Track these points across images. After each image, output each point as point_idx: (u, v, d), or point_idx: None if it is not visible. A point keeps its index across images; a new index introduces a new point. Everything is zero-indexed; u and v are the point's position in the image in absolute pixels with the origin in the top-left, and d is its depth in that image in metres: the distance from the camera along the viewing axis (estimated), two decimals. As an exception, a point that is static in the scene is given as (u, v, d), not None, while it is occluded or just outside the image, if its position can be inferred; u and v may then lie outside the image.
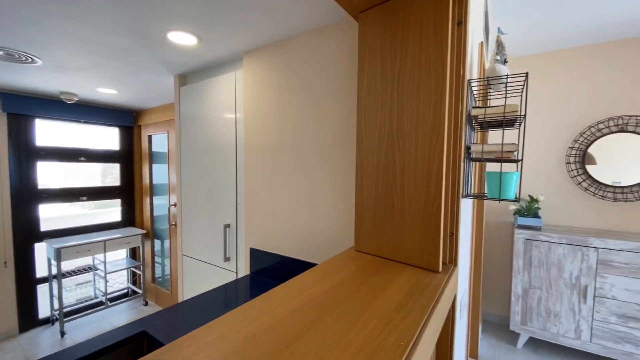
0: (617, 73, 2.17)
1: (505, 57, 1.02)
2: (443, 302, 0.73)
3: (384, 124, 0.93)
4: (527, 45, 2.31)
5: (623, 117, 2.14)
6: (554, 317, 2.15)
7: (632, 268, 1.90)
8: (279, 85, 1.42)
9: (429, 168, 0.84)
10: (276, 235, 1.45)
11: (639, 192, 2.12)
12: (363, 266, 0.90)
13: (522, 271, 2.24)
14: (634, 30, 2.04)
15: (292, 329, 0.55)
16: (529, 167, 2.49)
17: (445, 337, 0.93)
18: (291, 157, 1.38)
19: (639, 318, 1.90)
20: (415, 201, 0.88)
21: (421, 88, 0.85)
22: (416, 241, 0.88)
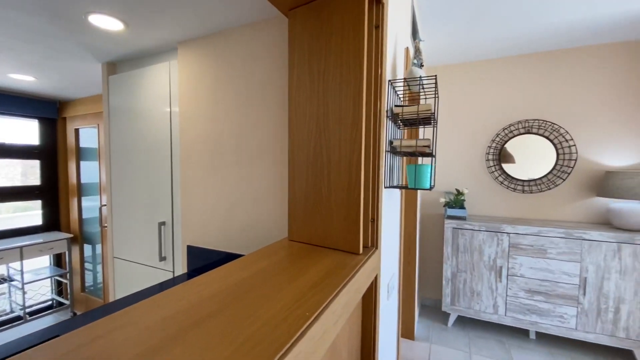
0: (525, 83, 2.53)
1: (421, 62, 1.14)
2: (359, 279, 0.79)
3: (312, 118, 0.98)
4: (452, 55, 2.57)
5: (529, 120, 2.51)
6: (477, 296, 2.44)
7: (535, 249, 2.23)
8: (215, 78, 1.40)
9: (350, 159, 0.91)
10: (214, 230, 1.42)
11: (540, 185, 2.50)
12: (292, 253, 0.93)
13: (451, 257, 2.50)
14: (538, 46, 2.40)
15: (205, 310, 0.56)
16: (456, 163, 2.78)
17: (368, 312, 1.02)
18: (229, 151, 1.37)
19: (541, 292, 2.24)
20: (339, 190, 0.94)
21: (343, 85, 0.91)
22: (341, 227, 0.95)
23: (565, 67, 2.41)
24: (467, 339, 2.42)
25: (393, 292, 1.40)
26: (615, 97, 2.30)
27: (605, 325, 2.09)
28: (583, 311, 2.13)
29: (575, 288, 2.14)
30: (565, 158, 2.42)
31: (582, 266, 2.11)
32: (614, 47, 2.28)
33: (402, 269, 2.39)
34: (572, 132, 2.40)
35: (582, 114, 2.38)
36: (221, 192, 1.39)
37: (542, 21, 1.98)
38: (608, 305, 2.07)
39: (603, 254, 2.06)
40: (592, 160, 2.36)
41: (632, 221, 2.05)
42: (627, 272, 2.01)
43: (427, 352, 2.26)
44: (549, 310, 2.22)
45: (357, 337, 1.01)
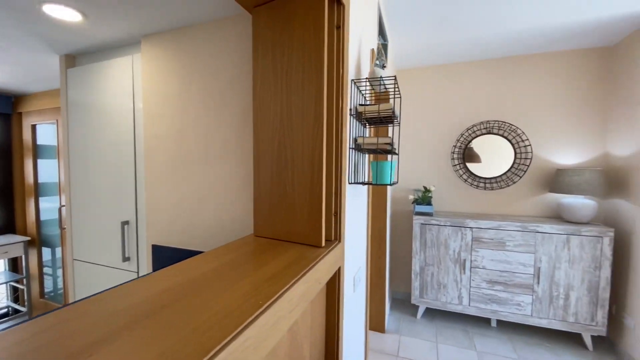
0: (486, 86, 2.69)
1: (384, 63, 1.19)
2: (319, 270, 0.82)
3: (276, 116, 1.00)
4: (420, 58, 2.68)
5: (490, 121, 2.67)
6: (443, 288, 2.56)
7: (495, 242, 2.38)
8: (180, 73, 1.38)
9: (312, 156, 0.94)
10: (181, 229, 1.40)
11: (500, 183, 2.67)
12: (255, 248, 0.95)
13: (419, 252, 2.60)
14: (498, 52, 2.55)
15: (159, 302, 0.56)
16: (424, 162, 2.90)
17: (332, 303, 1.05)
18: (195, 147, 1.35)
19: (500, 282, 2.40)
20: (302, 186, 0.96)
21: (305, 83, 0.94)
22: (304, 221, 0.97)
23: (521, 72, 2.59)
24: (435, 329, 2.54)
25: (360, 284, 1.44)
26: (565, 102, 2.50)
27: (557, 311, 2.27)
28: (537, 299, 2.30)
29: (531, 277, 2.31)
30: (521, 157, 2.60)
31: (536, 257, 2.28)
32: (565, 54, 2.48)
33: (372, 264, 2.46)
34: (527, 132, 2.59)
35: (537, 116, 2.57)
36: (187, 190, 1.37)
37: (500, 29, 2.12)
38: (559, 292, 2.25)
39: (554, 245, 2.23)
40: (545, 159, 2.56)
41: (579, 214, 2.24)
42: (575, 261, 2.20)
43: (396, 344, 2.34)
44: (507, 299, 2.38)
45: (320, 328, 1.04)
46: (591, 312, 2.19)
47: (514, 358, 2.16)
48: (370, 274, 2.48)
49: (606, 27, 2.08)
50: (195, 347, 0.42)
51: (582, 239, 2.17)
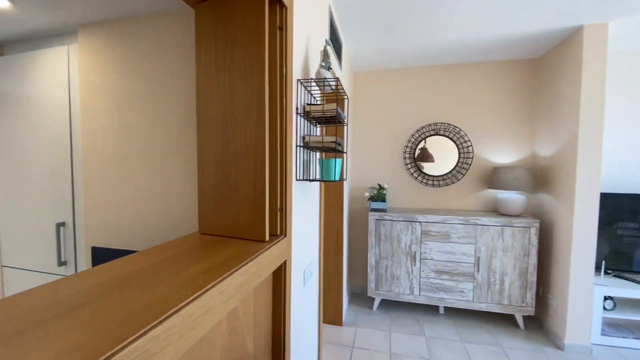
0: (434, 90, 2.89)
1: (329, 65, 1.24)
2: (259, 263, 0.85)
3: (219, 112, 1.00)
4: (375, 62, 2.81)
5: (437, 123, 2.87)
6: (396, 280, 2.70)
7: (441, 234, 2.57)
8: (121, 66, 1.32)
9: (255, 152, 0.96)
10: (123, 229, 1.34)
11: (446, 180, 2.88)
12: (199, 244, 0.95)
13: (374, 246, 2.73)
14: (443, 59, 2.75)
15: (85, 298, 0.55)
16: (379, 161, 3.05)
17: (278, 296, 1.08)
18: (137, 144, 1.30)
19: (446, 271, 2.59)
20: (247, 182, 0.98)
21: (247, 80, 0.96)
22: (248, 217, 0.99)
23: (464, 78, 2.82)
24: (389, 319, 2.68)
25: (311, 278, 1.49)
26: (500, 107, 2.77)
27: (494, 295, 2.51)
28: (478, 285, 2.53)
29: (472, 266, 2.53)
30: (464, 157, 2.83)
31: (476, 247, 2.51)
32: (501, 64, 2.75)
33: (329, 260, 2.53)
34: (469, 134, 2.83)
35: (477, 120, 2.82)
36: (129, 188, 1.31)
37: (443, 38, 2.30)
38: (495, 278, 2.50)
39: (491, 236, 2.47)
40: (484, 158, 2.82)
41: (511, 208, 2.50)
42: (508, 249, 2.45)
43: (352, 336, 2.43)
44: (452, 287, 2.58)
45: (267, 320, 1.06)
46: (522, 295, 2.46)
47: (457, 340, 2.36)
48: (327, 269, 2.55)
49: (533, 41, 2.35)
50: (108, 338, 0.43)
51: (514, 230, 2.43)
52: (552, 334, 2.36)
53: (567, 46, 2.26)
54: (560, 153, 2.33)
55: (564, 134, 2.28)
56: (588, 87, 2.08)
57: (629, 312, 2.33)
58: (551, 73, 2.47)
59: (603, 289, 2.25)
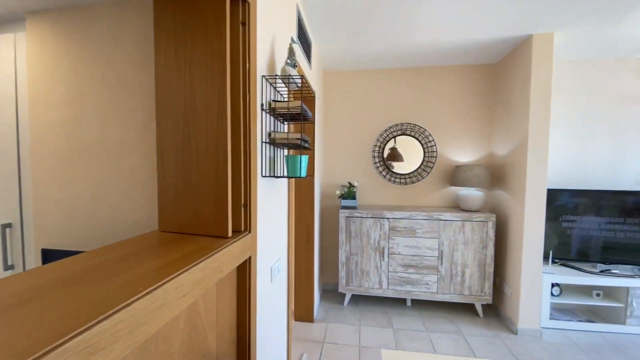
0: (400, 91, 3.01)
1: (295, 62, 1.25)
2: (219, 259, 0.85)
3: (179, 106, 0.98)
4: (345, 62, 2.87)
5: (404, 123, 2.99)
6: (366, 275, 2.78)
7: (408, 230, 2.68)
8: (74, 57, 1.25)
9: (217, 148, 0.95)
10: (77, 229, 1.27)
11: (413, 178, 3.01)
12: (157, 241, 0.92)
13: (345, 243, 2.78)
14: (408, 62, 2.87)
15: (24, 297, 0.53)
16: (350, 159, 3.12)
17: (243, 293, 1.08)
18: (92, 138, 1.24)
19: (412, 265, 2.71)
20: (208, 177, 0.97)
21: (208, 75, 0.95)
22: (210, 213, 0.98)
23: (428, 81, 2.96)
24: (359, 314, 2.75)
25: (279, 275, 1.50)
26: (461, 109, 2.94)
27: (456, 286, 2.66)
28: (441, 277, 2.67)
29: (436, 259, 2.66)
30: (429, 156, 2.97)
31: (439, 241, 2.64)
32: (461, 68, 2.92)
33: (300, 257, 2.54)
34: (433, 134, 2.97)
35: (440, 120, 2.97)
36: (84, 186, 1.24)
37: (409, 42, 2.40)
38: (457, 270, 2.65)
39: (453, 231, 2.62)
40: (447, 157, 2.98)
41: (471, 203, 2.66)
42: (468, 243, 2.61)
43: (323, 332, 2.47)
44: (418, 280, 2.70)
45: (231, 317, 1.06)
46: (481, 285, 2.63)
47: (423, 331, 2.47)
48: (298, 266, 2.57)
49: (490, 47, 2.51)
50: (47, 334, 0.42)
51: (473, 224, 2.59)
52: (507, 320, 2.55)
53: (518, 53, 2.45)
54: (513, 152, 2.51)
55: (516, 135, 2.47)
56: (536, 91, 2.27)
57: (573, 297, 2.57)
58: (505, 78, 2.66)
59: (551, 276, 2.47)
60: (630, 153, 2.71)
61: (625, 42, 2.37)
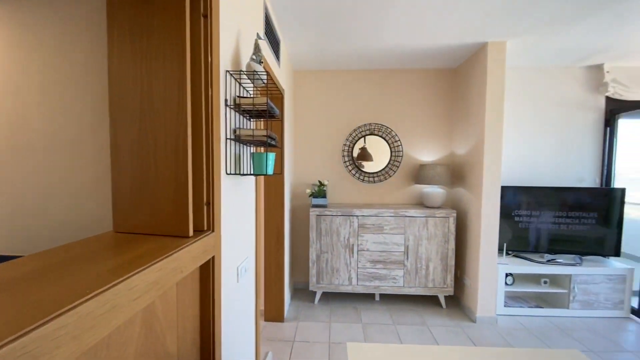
0: (369, 92, 3.08)
1: (260, 58, 1.24)
2: (179, 259, 0.82)
3: (136, 101, 0.93)
4: (316, 62, 2.88)
5: (372, 124, 3.07)
6: (336, 272, 2.82)
7: (376, 227, 2.76)
8: (17, 46, 1.14)
9: (176, 143, 0.92)
10: (18, 232, 1.16)
11: (381, 177, 3.10)
12: (110, 243, 0.87)
13: (315, 241, 2.80)
14: (376, 64, 2.95)
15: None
16: (321, 158, 3.15)
17: (206, 294, 1.05)
18: (39, 135, 1.14)
19: (380, 261, 2.79)
20: (167, 175, 0.93)
21: (167, 68, 0.91)
22: (170, 212, 0.94)
23: (395, 83, 3.07)
24: (329, 311, 2.78)
25: (246, 275, 1.47)
26: (425, 110, 3.08)
27: (421, 279, 2.78)
28: (407, 272, 2.78)
29: (402, 254, 2.76)
30: (396, 155, 3.08)
31: (405, 237, 2.75)
32: (425, 72, 3.06)
33: (270, 256, 2.52)
34: (400, 134, 3.09)
35: (406, 121, 3.09)
36: (27, 185, 1.14)
37: (376, 45, 2.46)
38: (422, 264, 2.77)
39: (417, 226, 2.74)
40: (413, 156, 3.11)
41: (434, 200, 2.80)
42: (432, 238, 2.74)
43: (294, 330, 2.46)
44: (386, 275, 2.79)
45: (194, 319, 1.02)
46: (443, 277, 2.77)
47: (391, 323, 2.56)
48: (268, 266, 2.54)
49: (450, 52, 2.66)
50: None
51: (436, 220, 2.72)
52: (467, 309, 2.71)
53: (476, 59, 2.62)
54: (471, 152, 2.68)
55: (474, 136, 2.63)
56: (491, 95, 2.44)
57: (524, 285, 2.79)
58: (464, 82, 2.83)
59: (505, 267, 2.67)
60: (572, 154, 3.00)
61: (569, 52, 2.62)
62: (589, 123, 2.98)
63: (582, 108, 2.97)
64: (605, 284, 2.66)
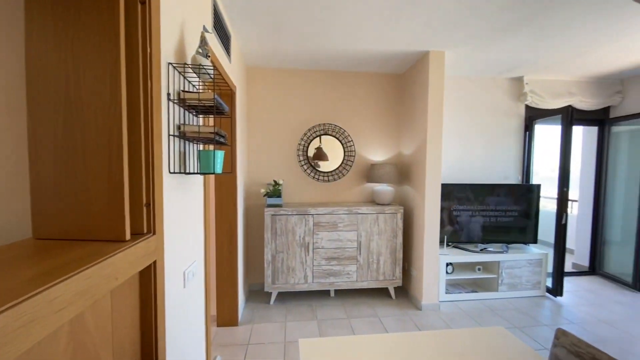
0: (322, 92, 3.14)
1: (207, 52, 1.19)
2: (113, 265, 0.75)
3: (60, 89, 0.83)
4: (268, 59, 2.85)
5: (325, 124, 3.13)
6: (292, 271, 2.82)
7: (330, 224, 2.82)
8: None
9: (110, 139, 0.84)
10: None
11: (335, 176, 3.18)
12: (29, 251, 0.77)
13: (270, 241, 2.77)
14: (328, 65, 3.01)
15: None
16: (276, 158, 3.12)
17: (147, 301, 0.98)
18: None
19: (335, 257, 2.85)
20: (99, 174, 0.85)
21: (98, 56, 0.83)
22: (103, 214, 0.86)
23: (348, 84, 3.17)
24: (285, 310, 2.77)
25: (194, 279, 1.40)
26: (376, 112, 3.23)
27: (372, 273, 2.91)
28: (360, 266, 2.89)
29: (355, 250, 2.87)
30: (349, 155, 3.19)
31: (358, 233, 2.86)
32: (376, 75, 3.21)
33: (222, 259, 2.42)
34: (352, 134, 3.20)
35: (358, 122, 3.21)
36: None
37: (327, 46, 2.52)
38: (373, 258, 2.90)
39: (369, 223, 2.86)
40: (364, 156, 3.24)
41: (383, 198, 2.96)
42: (382, 233, 2.89)
43: (248, 333, 2.41)
44: (340, 270, 2.87)
45: (133, 330, 0.95)
46: (393, 270, 2.94)
47: (345, 318, 2.64)
48: (220, 269, 2.45)
49: (397, 58, 2.82)
50: None
51: (386, 216, 2.88)
52: (414, 298, 2.91)
53: (420, 66, 2.82)
54: (416, 152, 2.89)
55: (418, 137, 2.84)
56: (432, 100, 2.65)
57: (462, 273, 3.09)
58: (410, 87, 3.03)
59: (445, 257, 2.92)
60: (499, 154, 3.40)
61: (496, 65, 2.96)
62: (513, 128, 3.40)
63: (507, 114, 3.38)
64: (526, 267, 3.06)
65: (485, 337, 1.14)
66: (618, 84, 3.42)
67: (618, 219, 3.49)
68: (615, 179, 3.53)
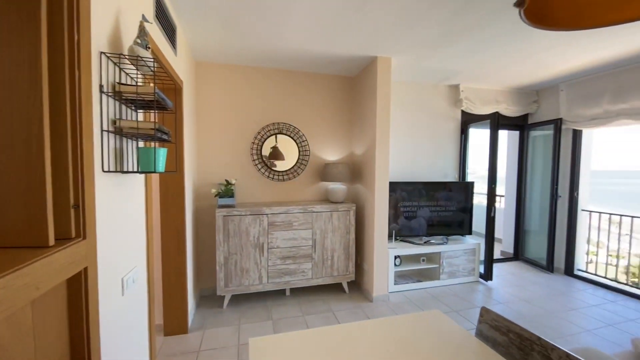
0: (276, 90, 3.13)
1: (147, 43, 1.12)
2: (35, 273, 0.67)
3: (-40, 75, 0.72)
4: (219, 55, 2.75)
5: (280, 123, 3.12)
6: (246, 273, 2.76)
7: (285, 224, 2.82)
8: None
9: (29, 133, 0.75)
10: None
11: (290, 175, 3.19)
12: None
13: (222, 243, 2.68)
14: (282, 64, 3.00)
15: None
16: (227, 157, 3.02)
17: (77, 312, 0.89)
18: None
19: (290, 256, 2.86)
20: (15, 173, 0.75)
21: (14, 41, 0.73)
22: (21, 217, 0.76)
23: (303, 84, 3.20)
24: (239, 313, 2.70)
25: (134, 286, 1.31)
26: (329, 112, 3.32)
27: (327, 269, 2.98)
28: (315, 264, 2.94)
29: (310, 248, 2.91)
30: (303, 154, 3.22)
31: (313, 231, 2.90)
32: (330, 77, 3.28)
33: (166, 263, 2.28)
34: (306, 134, 3.24)
35: (312, 121, 3.26)
36: None
37: (280, 45, 2.52)
38: (327, 255, 2.97)
39: (323, 221, 2.93)
40: (319, 155, 3.30)
41: (337, 196, 3.05)
42: (336, 230, 2.97)
43: (199, 340, 2.30)
44: (296, 269, 2.89)
45: (61, 344, 0.86)
46: (346, 265, 3.04)
47: (300, 315, 2.67)
48: (167, 274, 2.30)
49: (349, 62, 2.93)
50: None
51: (339, 214, 2.97)
52: (366, 291, 3.05)
53: (369, 70, 2.96)
54: (366, 152, 3.03)
55: (368, 138, 2.98)
56: (381, 103, 2.81)
57: (409, 264, 3.31)
58: (360, 89, 3.17)
59: (394, 250, 3.11)
60: (440, 154, 3.72)
61: (436, 72, 3.24)
62: (451, 130, 3.75)
63: (446, 118, 3.72)
64: (463, 256, 3.39)
65: (423, 320, 1.26)
66: (534, 94, 3.97)
67: (535, 211, 4.06)
68: (533, 177, 4.09)
